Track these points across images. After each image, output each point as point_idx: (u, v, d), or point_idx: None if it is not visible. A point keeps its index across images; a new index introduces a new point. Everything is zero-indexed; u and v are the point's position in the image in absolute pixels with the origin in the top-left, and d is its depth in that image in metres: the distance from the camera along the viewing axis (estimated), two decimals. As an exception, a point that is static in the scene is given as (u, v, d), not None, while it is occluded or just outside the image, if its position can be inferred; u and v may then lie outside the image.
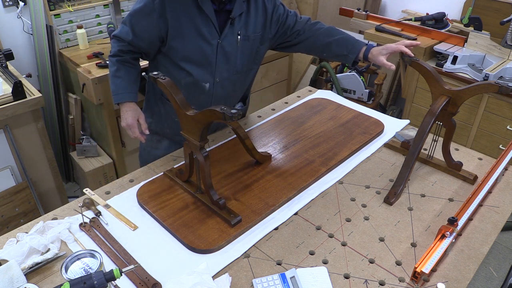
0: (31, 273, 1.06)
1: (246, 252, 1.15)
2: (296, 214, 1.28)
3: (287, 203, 1.32)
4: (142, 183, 1.38)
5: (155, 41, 1.46)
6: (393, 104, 3.62)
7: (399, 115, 3.42)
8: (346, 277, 1.08)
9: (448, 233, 1.12)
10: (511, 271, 2.10)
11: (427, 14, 3.05)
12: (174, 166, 1.45)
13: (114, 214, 1.26)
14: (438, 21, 2.95)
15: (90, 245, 1.15)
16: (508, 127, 2.53)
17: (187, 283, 0.99)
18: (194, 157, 1.23)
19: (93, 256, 0.94)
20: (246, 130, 1.63)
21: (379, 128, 1.69)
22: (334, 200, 1.34)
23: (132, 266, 0.90)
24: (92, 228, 1.20)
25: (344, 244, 1.18)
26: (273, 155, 1.51)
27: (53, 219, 1.23)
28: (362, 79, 3.09)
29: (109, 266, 1.08)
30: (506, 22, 2.59)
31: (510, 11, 2.70)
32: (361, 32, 3.38)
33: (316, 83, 3.55)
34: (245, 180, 1.39)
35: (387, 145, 1.61)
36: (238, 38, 1.49)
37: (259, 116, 1.82)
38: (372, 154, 1.57)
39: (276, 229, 1.22)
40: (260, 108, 1.90)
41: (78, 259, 0.94)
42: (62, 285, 0.82)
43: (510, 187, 1.41)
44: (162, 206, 1.27)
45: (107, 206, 1.29)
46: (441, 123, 1.40)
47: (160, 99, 1.63)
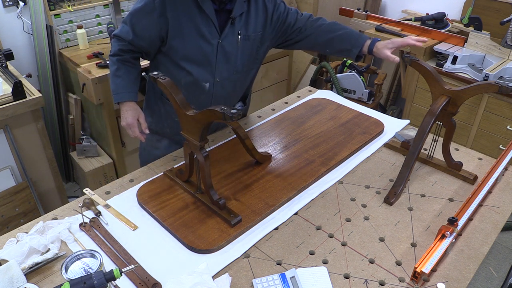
0: (31, 273, 1.06)
1: (246, 252, 1.15)
2: (296, 214, 1.28)
3: (287, 203, 1.32)
4: (142, 183, 1.38)
5: (155, 40, 1.46)
6: (393, 104, 3.62)
7: (399, 115, 3.42)
8: (346, 277, 1.08)
9: (448, 233, 1.12)
10: (511, 271, 2.10)
11: (427, 14, 3.05)
12: (174, 166, 1.45)
13: (114, 214, 1.26)
14: (438, 21, 2.95)
15: (90, 245, 1.15)
16: (508, 127, 2.53)
17: (187, 283, 0.99)
18: (194, 157, 1.23)
19: (93, 256, 0.94)
20: (246, 130, 1.63)
21: (379, 128, 1.69)
22: (334, 200, 1.34)
23: (132, 266, 0.90)
24: (92, 228, 1.20)
25: (344, 244, 1.18)
26: (273, 155, 1.51)
27: (53, 219, 1.23)
28: (362, 79, 3.09)
29: (109, 266, 1.08)
30: (506, 22, 2.59)
31: (510, 11, 2.70)
32: (361, 32, 3.38)
33: (316, 83, 3.55)
34: (245, 180, 1.39)
35: (387, 145, 1.61)
36: (239, 38, 1.49)
37: (259, 116, 1.82)
38: (372, 154, 1.57)
39: (276, 229, 1.22)
40: (260, 108, 1.90)
41: (78, 259, 0.94)
42: (62, 285, 0.82)
43: (510, 187, 1.41)
44: (162, 206, 1.27)
45: (107, 206, 1.29)
46: (441, 123, 1.40)
47: (160, 99, 1.64)
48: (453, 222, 1.12)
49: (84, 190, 1.35)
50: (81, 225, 1.21)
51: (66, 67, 2.67)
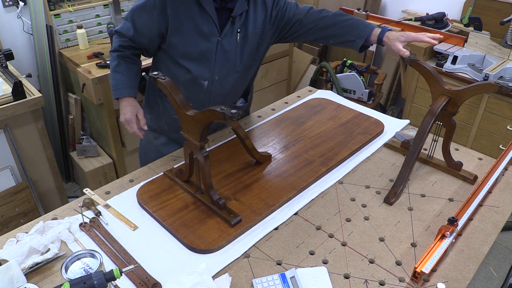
0: (31, 273, 1.06)
1: (246, 252, 1.15)
2: (296, 214, 1.28)
3: (287, 203, 1.32)
4: (142, 183, 1.38)
5: (155, 37, 1.47)
6: (393, 104, 3.62)
7: (399, 115, 3.42)
8: (346, 277, 1.08)
9: (448, 233, 1.12)
10: (511, 271, 2.10)
11: (427, 14, 3.05)
12: (174, 166, 1.45)
13: (114, 214, 1.26)
14: (438, 21, 2.95)
15: (90, 245, 1.15)
16: (508, 127, 2.53)
17: (187, 283, 0.99)
18: (194, 157, 1.23)
19: (93, 256, 0.94)
20: (246, 130, 1.63)
21: (379, 128, 1.69)
22: (334, 200, 1.34)
23: (132, 266, 0.90)
24: (92, 228, 1.20)
25: (344, 244, 1.17)
26: (273, 155, 1.51)
27: (53, 219, 1.23)
28: (362, 79, 3.09)
29: (109, 266, 1.08)
30: (506, 22, 2.59)
31: (510, 11, 2.70)
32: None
33: (316, 83, 3.55)
34: (245, 180, 1.39)
35: (387, 145, 1.61)
36: (238, 36, 1.48)
37: (259, 116, 1.82)
38: (372, 154, 1.57)
39: (276, 229, 1.22)
40: (260, 108, 1.90)
41: (78, 259, 0.94)
42: (62, 285, 0.82)
43: (510, 187, 1.41)
44: (162, 206, 1.27)
45: (107, 206, 1.29)
46: (441, 123, 1.40)
47: (159, 96, 1.64)
48: (453, 222, 1.12)
49: (84, 190, 1.35)
50: (81, 225, 1.21)
51: (66, 67, 2.67)
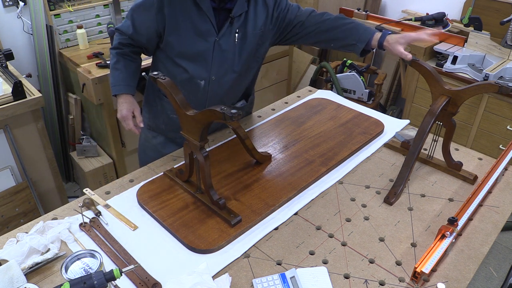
0: (31, 273, 1.06)
1: (246, 252, 1.15)
2: (296, 214, 1.28)
3: (287, 203, 1.31)
4: (142, 183, 1.38)
5: (153, 36, 1.47)
6: (393, 104, 3.62)
7: (399, 115, 3.42)
8: (346, 277, 1.08)
9: (448, 233, 1.12)
10: (511, 271, 2.10)
11: (427, 14, 3.05)
12: (174, 166, 1.45)
13: (114, 214, 1.26)
14: (438, 21, 2.95)
15: (90, 245, 1.15)
16: (508, 127, 2.53)
17: (187, 283, 0.99)
18: (194, 157, 1.23)
19: (93, 256, 0.94)
20: (246, 130, 1.63)
21: (379, 128, 1.69)
22: (334, 200, 1.34)
23: (132, 266, 0.90)
24: (92, 228, 1.20)
25: (344, 244, 1.17)
26: (273, 155, 1.51)
27: (53, 219, 1.23)
28: (362, 79, 3.09)
29: (109, 266, 1.08)
30: (506, 22, 2.59)
31: (510, 11, 2.70)
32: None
33: (316, 83, 3.55)
34: (245, 180, 1.39)
35: (387, 145, 1.61)
36: (236, 36, 1.48)
37: (259, 116, 1.82)
38: (372, 154, 1.57)
39: (276, 229, 1.22)
40: (260, 108, 1.90)
41: (78, 259, 0.94)
42: (62, 285, 0.82)
43: (510, 187, 1.41)
44: (162, 206, 1.27)
45: (107, 206, 1.29)
46: (441, 123, 1.40)
47: (157, 95, 1.64)
48: (453, 222, 1.12)
49: (84, 190, 1.35)
50: (81, 225, 1.21)
51: (66, 67, 2.67)
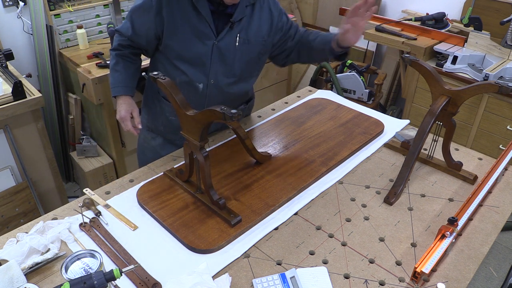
0: (31, 273, 1.06)
1: (246, 252, 1.15)
2: (296, 214, 1.28)
3: (287, 203, 1.31)
4: (142, 183, 1.38)
5: (152, 38, 1.47)
6: (393, 104, 3.62)
7: (399, 115, 3.42)
8: (346, 277, 1.08)
9: (448, 233, 1.12)
10: (511, 271, 2.10)
11: (427, 14, 3.05)
12: (174, 166, 1.45)
13: (114, 214, 1.26)
14: (438, 21, 2.95)
15: (90, 245, 1.15)
16: (508, 127, 2.53)
17: (187, 283, 0.99)
18: (194, 157, 1.23)
19: (93, 256, 0.94)
20: (246, 130, 1.63)
21: (379, 128, 1.69)
22: (334, 200, 1.34)
23: (132, 266, 0.90)
24: (92, 228, 1.20)
25: (344, 244, 1.18)
26: (273, 155, 1.51)
27: (53, 219, 1.23)
28: (362, 79, 3.09)
29: (109, 266, 1.08)
30: (506, 22, 2.59)
31: (510, 11, 2.70)
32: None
33: (316, 83, 3.55)
34: (245, 180, 1.39)
35: (387, 145, 1.61)
36: (238, 41, 1.48)
37: (259, 116, 1.82)
38: (372, 154, 1.57)
39: (276, 229, 1.22)
40: (260, 108, 1.90)
41: (78, 259, 0.94)
42: (62, 285, 0.82)
43: (510, 187, 1.41)
44: (162, 206, 1.27)
45: (107, 206, 1.29)
46: (441, 123, 1.40)
47: (156, 97, 1.64)
48: (453, 222, 1.12)
49: (84, 190, 1.35)
50: (81, 225, 1.21)
51: (66, 67, 2.67)
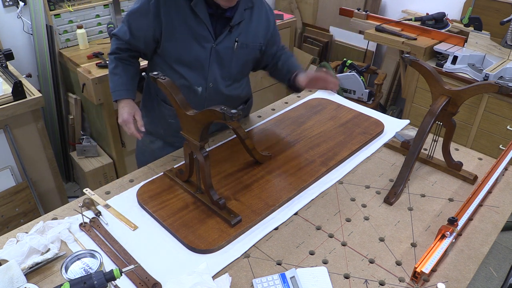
0: (31, 273, 1.06)
1: (246, 252, 1.15)
2: (296, 214, 1.28)
3: (287, 203, 1.31)
4: (142, 183, 1.38)
5: (150, 42, 1.47)
6: (393, 104, 3.62)
7: (399, 115, 3.42)
8: (346, 277, 1.08)
9: (448, 233, 1.12)
10: (511, 271, 2.10)
11: (427, 14, 3.05)
12: (174, 166, 1.45)
13: (114, 214, 1.26)
14: (438, 21, 2.95)
15: (90, 245, 1.15)
16: (508, 127, 2.53)
17: (187, 283, 0.99)
18: (194, 157, 1.23)
19: (93, 256, 0.94)
20: (246, 130, 1.63)
21: (379, 128, 1.69)
22: (334, 200, 1.34)
23: (132, 266, 0.90)
24: (92, 228, 1.20)
25: (344, 244, 1.17)
26: (273, 155, 1.51)
27: (53, 219, 1.23)
28: (362, 79, 3.09)
29: (109, 266, 1.08)
30: (506, 22, 2.59)
31: (510, 11, 2.70)
32: (361, 32, 3.39)
33: (316, 83, 3.54)
34: (245, 180, 1.39)
35: (387, 145, 1.61)
36: (235, 45, 1.48)
37: (259, 116, 1.82)
38: (372, 154, 1.57)
39: (276, 229, 1.22)
40: (260, 108, 1.90)
41: (78, 259, 0.94)
42: (62, 285, 0.82)
43: (510, 187, 1.41)
44: (162, 206, 1.27)
45: (107, 206, 1.29)
46: (441, 123, 1.40)
47: (155, 100, 1.63)
48: (453, 222, 1.12)
49: (84, 190, 1.35)
50: (81, 225, 1.21)
51: (66, 67, 2.67)
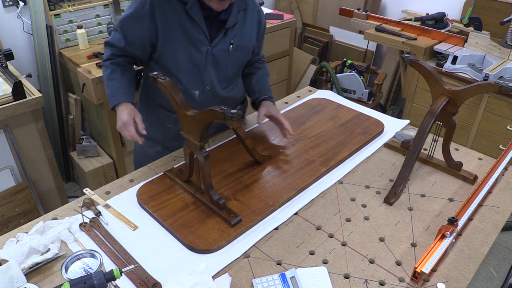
0: (31, 273, 1.06)
1: (246, 252, 1.15)
2: (296, 214, 1.28)
3: (287, 203, 1.32)
4: (142, 183, 1.38)
5: (147, 46, 1.45)
6: (393, 104, 3.62)
7: (399, 115, 3.42)
8: (346, 277, 1.08)
9: (448, 233, 1.12)
10: (511, 271, 2.10)
11: (427, 14, 3.05)
12: (174, 166, 1.45)
13: (114, 214, 1.26)
14: (438, 21, 2.95)
15: (90, 245, 1.15)
16: (508, 127, 2.53)
17: (187, 283, 0.99)
18: (194, 157, 1.23)
19: (93, 256, 0.94)
20: (246, 130, 1.63)
21: (379, 128, 1.69)
22: (334, 200, 1.34)
23: (132, 266, 0.90)
24: (92, 228, 1.20)
25: (344, 244, 1.18)
26: (273, 155, 1.51)
27: (53, 219, 1.23)
28: (362, 79, 3.09)
29: (109, 266, 1.08)
30: (506, 22, 2.59)
31: (510, 11, 2.70)
32: (361, 32, 3.39)
33: (316, 83, 3.55)
34: (245, 180, 1.39)
35: (387, 145, 1.61)
36: (231, 47, 1.47)
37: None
38: (372, 154, 1.57)
39: (276, 229, 1.22)
40: (260, 108, 1.90)
41: (78, 259, 0.94)
42: (62, 285, 0.82)
43: (510, 187, 1.41)
44: (162, 206, 1.27)
45: (107, 206, 1.29)
46: (441, 123, 1.40)
47: (152, 106, 1.61)
48: (453, 222, 1.12)
49: (84, 190, 1.35)
50: (81, 225, 1.21)
51: (66, 67, 2.67)
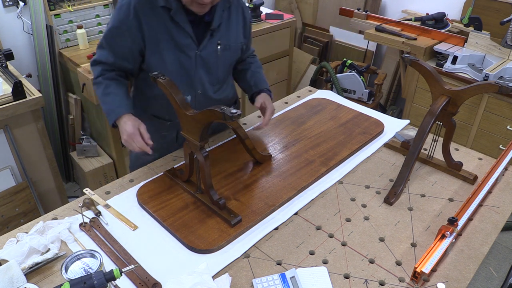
0: (31, 273, 1.06)
1: (246, 252, 1.15)
2: (296, 214, 1.28)
3: (287, 203, 1.32)
4: (142, 183, 1.38)
5: (137, 57, 1.41)
6: (393, 104, 3.62)
7: (399, 115, 3.42)
8: (346, 277, 1.08)
9: (448, 233, 1.12)
10: (511, 271, 2.10)
11: (427, 14, 3.05)
12: (174, 166, 1.45)
13: (114, 214, 1.26)
14: (438, 21, 2.95)
15: (90, 245, 1.15)
16: (508, 127, 2.53)
17: (187, 283, 0.99)
18: (194, 157, 1.23)
19: (93, 256, 0.94)
20: (246, 130, 1.63)
21: (379, 128, 1.69)
22: (334, 200, 1.34)
23: (132, 266, 0.90)
24: (92, 228, 1.20)
25: (344, 244, 1.18)
26: (273, 155, 1.51)
27: (53, 219, 1.23)
28: (362, 79, 3.09)
29: (109, 266, 1.08)
30: (506, 22, 2.59)
31: (510, 11, 2.70)
32: (361, 32, 3.39)
33: (316, 83, 3.55)
34: (245, 180, 1.39)
35: (387, 145, 1.61)
36: (219, 48, 1.45)
37: (259, 116, 1.82)
38: (372, 154, 1.57)
39: (276, 229, 1.23)
40: (260, 108, 1.90)
41: (78, 259, 0.94)
42: (62, 285, 0.82)
43: (510, 187, 1.41)
44: (162, 206, 1.27)
45: (107, 206, 1.29)
46: (441, 123, 1.40)
47: (146, 117, 1.51)
48: (453, 222, 1.12)
49: (84, 190, 1.35)
50: (81, 225, 1.21)
51: (66, 67, 2.67)
